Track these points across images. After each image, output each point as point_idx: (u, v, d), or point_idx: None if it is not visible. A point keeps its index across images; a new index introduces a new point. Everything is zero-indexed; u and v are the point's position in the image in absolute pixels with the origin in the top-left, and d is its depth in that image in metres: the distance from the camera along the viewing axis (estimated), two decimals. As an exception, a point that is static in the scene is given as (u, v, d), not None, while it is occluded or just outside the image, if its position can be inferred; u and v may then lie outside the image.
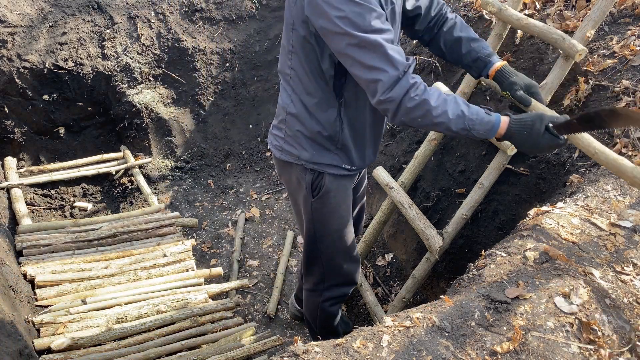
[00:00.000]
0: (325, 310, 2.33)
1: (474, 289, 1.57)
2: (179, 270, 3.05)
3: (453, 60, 2.00)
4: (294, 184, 2.05)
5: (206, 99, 4.26)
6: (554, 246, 1.68)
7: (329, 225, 2.07)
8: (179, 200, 3.91)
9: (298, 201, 2.09)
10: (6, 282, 2.47)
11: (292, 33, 1.76)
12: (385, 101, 1.60)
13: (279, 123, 1.99)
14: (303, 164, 1.95)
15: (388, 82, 1.58)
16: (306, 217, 2.07)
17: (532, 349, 1.36)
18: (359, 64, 1.59)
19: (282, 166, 2.06)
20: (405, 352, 1.36)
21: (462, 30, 1.94)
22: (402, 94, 1.59)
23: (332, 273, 2.20)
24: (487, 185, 2.38)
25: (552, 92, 2.27)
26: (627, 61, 2.25)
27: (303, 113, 1.87)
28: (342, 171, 1.97)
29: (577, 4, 2.58)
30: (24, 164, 3.82)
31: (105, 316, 2.63)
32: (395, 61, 1.57)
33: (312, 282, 2.27)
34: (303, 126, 1.89)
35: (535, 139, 1.68)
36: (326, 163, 1.94)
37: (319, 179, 1.97)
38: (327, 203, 2.01)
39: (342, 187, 2.03)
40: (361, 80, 1.63)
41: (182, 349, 2.55)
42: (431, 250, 2.47)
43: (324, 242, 2.11)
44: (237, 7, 4.32)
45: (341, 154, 1.94)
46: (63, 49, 3.76)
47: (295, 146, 1.94)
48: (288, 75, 1.87)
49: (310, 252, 2.17)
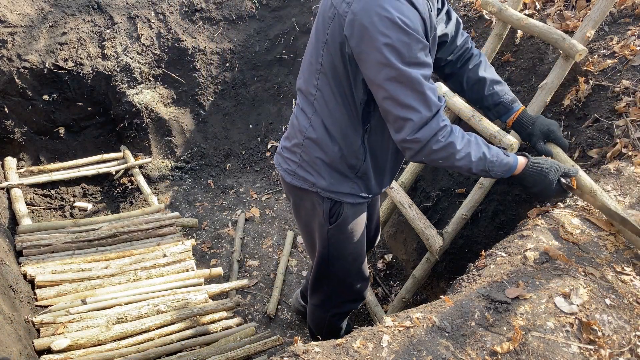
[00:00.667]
0: (332, 324, 2.30)
1: (474, 289, 1.57)
2: (179, 271, 3.05)
3: (472, 98, 1.96)
4: (308, 209, 1.96)
5: (206, 99, 4.26)
6: (554, 246, 1.68)
7: (344, 249, 2.00)
8: (179, 200, 3.91)
9: (310, 225, 2.01)
10: (6, 282, 2.47)
11: (323, 51, 1.65)
12: (411, 141, 1.54)
13: (294, 146, 1.87)
14: (319, 191, 1.85)
15: (419, 122, 1.52)
16: (321, 242, 1.99)
17: (532, 349, 1.36)
18: (392, 99, 1.51)
19: (294, 190, 1.96)
20: (405, 352, 1.36)
21: (486, 70, 1.90)
22: (430, 136, 1.53)
23: (342, 291, 2.16)
24: (487, 185, 2.38)
25: (552, 92, 2.27)
26: (627, 61, 2.25)
27: (325, 138, 1.77)
28: (359, 199, 1.91)
29: (577, 4, 2.58)
30: (24, 164, 3.82)
31: (105, 316, 2.62)
32: (430, 102, 1.52)
33: (320, 298, 2.22)
34: (323, 152, 1.79)
35: (547, 186, 1.71)
36: (344, 192, 1.85)
37: (337, 207, 1.89)
38: (344, 230, 1.95)
39: (359, 212, 1.97)
40: (390, 115, 1.55)
41: (182, 349, 2.55)
42: (431, 251, 2.47)
43: (337, 264, 2.05)
44: (237, 7, 4.32)
45: (360, 183, 1.87)
46: (63, 49, 3.76)
47: (312, 173, 1.84)
48: (312, 95, 1.75)
49: (322, 273, 2.10)
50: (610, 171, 1.97)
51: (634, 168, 1.96)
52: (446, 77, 2.00)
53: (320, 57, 1.67)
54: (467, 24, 3.05)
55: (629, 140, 2.04)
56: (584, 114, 2.28)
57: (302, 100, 1.82)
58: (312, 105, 1.77)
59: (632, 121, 2.07)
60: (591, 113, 2.24)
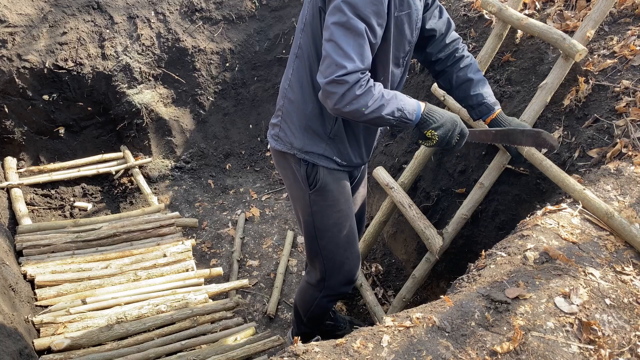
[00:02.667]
0: (321, 305, 2.33)
1: (474, 289, 1.57)
2: (179, 270, 3.05)
3: (458, 97, 2.09)
4: (290, 178, 2.06)
5: (206, 99, 4.26)
6: (554, 246, 1.68)
7: (328, 219, 2.05)
8: (179, 200, 3.91)
9: (295, 194, 2.09)
10: (6, 282, 2.47)
11: (307, 9, 1.80)
12: (338, 82, 1.62)
13: (277, 111, 2.02)
14: (295, 153, 1.95)
15: (350, 71, 1.62)
16: (305, 210, 2.07)
17: (532, 349, 1.36)
18: (335, 43, 1.62)
19: (278, 157, 2.07)
20: (405, 352, 1.36)
21: (475, 73, 2.05)
22: (355, 80, 1.64)
23: (333, 271, 2.18)
24: (487, 185, 2.38)
25: (552, 92, 2.27)
26: (627, 61, 2.25)
27: (300, 97, 1.89)
28: (333, 164, 1.98)
29: (577, 4, 2.58)
30: (24, 164, 3.82)
31: (105, 316, 2.62)
32: (365, 56, 1.65)
33: (314, 278, 2.26)
34: (298, 111, 1.91)
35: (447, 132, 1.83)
36: (317, 153, 1.94)
37: (314, 172, 1.97)
38: (326, 196, 2.01)
39: (338, 180, 2.03)
40: (327, 58, 1.65)
41: (182, 349, 2.55)
42: (431, 250, 2.47)
43: (324, 237, 2.09)
44: (237, 7, 4.32)
45: (332, 145, 1.95)
46: (63, 49, 3.76)
47: (287, 134, 1.96)
48: (295, 54, 1.90)
49: (311, 247, 2.16)
50: (610, 171, 1.97)
51: (634, 168, 1.96)
52: (437, 75, 2.12)
53: (305, 16, 1.83)
54: (467, 24, 3.05)
55: (629, 140, 2.04)
56: (584, 114, 2.28)
57: (289, 62, 1.96)
58: (293, 65, 1.91)
59: (632, 121, 2.07)
60: (591, 113, 2.24)
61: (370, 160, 2.15)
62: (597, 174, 1.99)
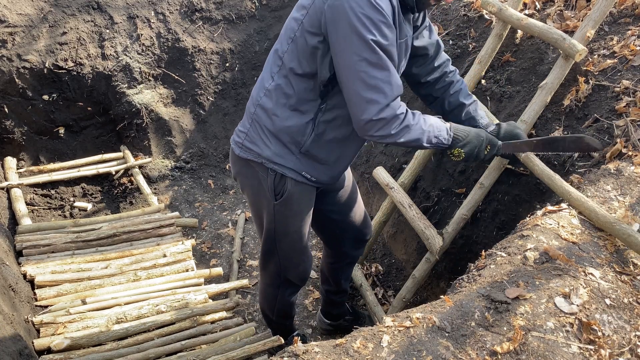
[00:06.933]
0: (283, 301, 2.38)
1: (474, 289, 1.57)
2: (178, 271, 3.05)
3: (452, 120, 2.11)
4: (255, 186, 2.01)
5: (206, 99, 4.26)
6: (554, 246, 1.68)
7: (289, 226, 2.06)
8: (179, 200, 3.91)
9: (258, 203, 2.06)
10: (6, 282, 2.47)
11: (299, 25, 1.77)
12: (377, 121, 1.67)
13: (245, 119, 1.97)
14: (263, 162, 1.90)
15: (384, 104, 1.65)
16: (267, 217, 2.05)
17: (532, 349, 1.36)
18: (361, 81, 1.63)
19: (240, 166, 2.02)
20: (405, 352, 1.36)
21: (466, 97, 2.08)
22: (392, 115, 1.68)
23: (288, 270, 2.23)
24: (487, 186, 2.38)
25: (552, 92, 2.27)
26: (627, 61, 2.25)
27: (275, 108, 1.84)
28: (301, 178, 1.93)
29: (577, 4, 2.58)
30: (24, 164, 3.82)
31: (105, 316, 2.62)
32: (394, 84, 1.67)
33: (269, 276, 2.30)
34: (271, 121, 1.85)
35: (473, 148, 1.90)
36: (287, 166, 1.89)
37: (281, 183, 1.93)
38: (290, 207, 1.99)
39: (305, 192, 2.00)
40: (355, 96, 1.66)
41: (182, 349, 2.54)
42: (431, 251, 2.47)
43: (283, 241, 2.11)
44: (237, 7, 4.32)
45: (303, 161, 1.90)
46: (63, 49, 3.76)
47: (257, 143, 1.90)
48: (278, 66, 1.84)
49: (268, 249, 2.17)
50: (610, 171, 1.97)
51: (634, 168, 1.96)
52: (425, 98, 2.15)
53: (294, 31, 1.79)
54: (467, 24, 3.05)
55: (629, 140, 2.04)
56: (584, 114, 2.28)
57: (265, 71, 1.92)
58: (273, 75, 1.86)
59: (632, 121, 2.07)
60: (591, 113, 2.24)
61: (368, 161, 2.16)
62: (597, 174, 1.99)
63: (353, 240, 2.42)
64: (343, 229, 2.36)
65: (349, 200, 2.31)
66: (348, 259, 2.51)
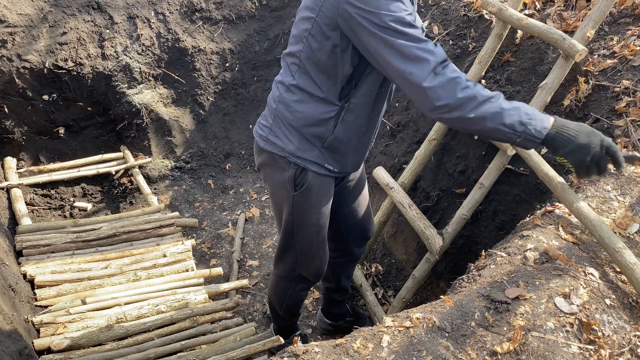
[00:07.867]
0: (293, 296, 2.39)
1: (474, 289, 1.57)
2: (178, 271, 3.05)
3: None
4: (276, 177, 2.04)
5: (206, 99, 4.25)
6: (554, 246, 1.68)
7: (308, 218, 2.08)
8: (179, 200, 3.91)
9: (279, 194, 2.08)
10: (6, 282, 2.47)
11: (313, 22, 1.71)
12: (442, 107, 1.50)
13: (268, 113, 1.99)
14: (286, 156, 1.93)
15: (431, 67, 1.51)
16: (287, 209, 2.07)
17: (532, 350, 1.36)
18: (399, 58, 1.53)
19: (265, 157, 2.04)
20: (405, 352, 1.36)
21: None
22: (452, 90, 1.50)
23: (303, 264, 2.24)
24: (487, 186, 2.38)
25: (552, 92, 2.27)
26: (627, 61, 2.25)
27: (299, 104, 1.85)
28: (324, 171, 1.97)
29: (577, 4, 2.58)
30: (24, 164, 3.82)
31: (105, 316, 2.62)
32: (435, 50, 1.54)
33: (284, 269, 2.31)
34: (293, 117, 1.87)
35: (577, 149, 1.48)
36: (309, 159, 1.93)
37: (302, 175, 1.96)
38: (309, 199, 2.02)
39: (325, 185, 2.03)
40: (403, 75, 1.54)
41: (182, 349, 2.55)
42: (431, 251, 2.47)
43: (301, 233, 2.12)
44: (237, 7, 4.32)
45: (326, 154, 1.93)
46: (63, 49, 3.76)
47: (281, 137, 1.92)
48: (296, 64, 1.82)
49: (286, 242, 2.18)
50: (610, 171, 1.97)
51: (634, 168, 1.96)
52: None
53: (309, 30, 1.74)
54: (467, 24, 3.05)
55: (629, 140, 2.04)
56: (584, 114, 2.28)
57: (283, 69, 1.91)
58: (293, 71, 1.85)
59: (632, 121, 2.07)
60: (591, 113, 2.24)
61: (368, 161, 2.15)
62: (597, 174, 1.99)
63: (357, 236, 2.44)
64: (349, 224, 2.37)
65: (360, 194, 2.35)
66: (350, 256, 2.52)
